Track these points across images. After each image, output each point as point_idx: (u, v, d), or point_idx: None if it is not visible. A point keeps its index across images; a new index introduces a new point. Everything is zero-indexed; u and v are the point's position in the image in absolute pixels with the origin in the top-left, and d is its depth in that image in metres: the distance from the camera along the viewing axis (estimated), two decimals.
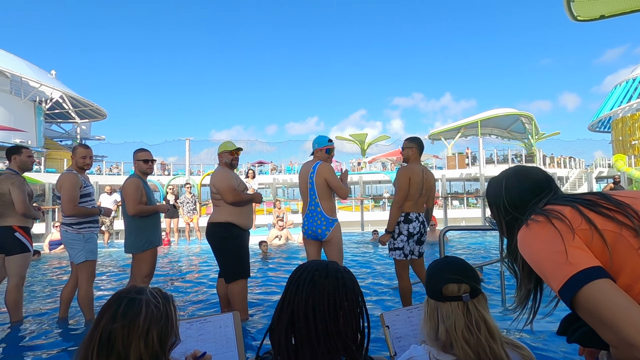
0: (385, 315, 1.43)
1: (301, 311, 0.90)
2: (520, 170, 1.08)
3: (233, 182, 3.25)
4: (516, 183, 1.04)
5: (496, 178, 1.11)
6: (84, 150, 3.42)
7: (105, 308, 0.96)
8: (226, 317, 1.44)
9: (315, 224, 3.30)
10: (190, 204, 10.13)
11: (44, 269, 6.57)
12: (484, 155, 23.45)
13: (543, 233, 0.86)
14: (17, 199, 3.22)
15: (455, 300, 1.09)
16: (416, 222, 3.20)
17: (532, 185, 1.02)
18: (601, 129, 32.01)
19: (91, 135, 31.17)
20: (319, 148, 3.44)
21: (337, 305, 0.91)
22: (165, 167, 25.33)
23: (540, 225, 0.88)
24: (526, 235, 0.91)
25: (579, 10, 5.97)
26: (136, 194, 3.26)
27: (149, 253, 3.34)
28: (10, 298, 3.30)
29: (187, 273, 6.00)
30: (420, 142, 3.36)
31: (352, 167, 27.74)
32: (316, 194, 3.29)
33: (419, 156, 3.32)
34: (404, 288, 3.27)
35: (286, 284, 0.99)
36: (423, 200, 3.27)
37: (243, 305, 3.19)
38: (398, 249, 3.22)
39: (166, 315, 0.96)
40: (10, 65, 22.61)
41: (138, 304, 0.94)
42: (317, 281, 0.93)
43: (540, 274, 0.87)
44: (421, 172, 3.23)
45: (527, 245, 0.90)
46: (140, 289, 1.00)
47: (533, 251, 0.88)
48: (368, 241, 9.62)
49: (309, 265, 0.99)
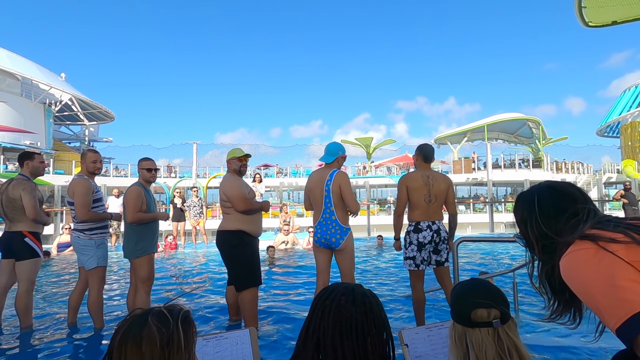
0: (404, 333, 1.40)
1: (328, 339, 0.87)
2: (553, 185, 1.01)
3: (244, 190, 3.24)
4: (550, 199, 0.96)
5: (526, 192, 1.04)
6: (94, 155, 3.45)
7: (113, 334, 0.96)
8: (243, 333, 1.42)
9: (329, 232, 3.26)
10: (197, 207, 10.15)
11: (53, 273, 6.61)
12: (490, 160, 23.28)
13: (595, 262, 0.78)
14: (28, 205, 3.24)
15: (484, 326, 1.04)
16: (427, 230, 3.12)
17: (568, 203, 0.94)
18: (610, 134, 31.65)
19: (99, 137, 31.49)
20: (342, 155, 3.41)
21: (365, 331, 0.88)
22: (171, 169, 25.50)
23: (591, 252, 0.80)
24: (574, 263, 0.82)
25: (590, 16, 5.91)
26: (136, 202, 3.28)
27: (144, 259, 3.35)
28: (20, 303, 3.31)
29: (193, 278, 6.00)
30: (423, 148, 3.30)
31: (358, 170, 27.68)
32: (332, 202, 3.25)
33: (423, 162, 3.26)
34: (417, 299, 3.19)
35: (310, 308, 0.96)
36: (435, 207, 3.16)
37: (253, 313, 3.17)
38: (409, 259, 3.18)
39: (173, 339, 0.93)
40: (21, 68, 22.94)
41: (143, 326, 0.92)
42: (343, 307, 0.90)
43: (592, 308, 0.79)
44: (422, 178, 3.14)
45: (575, 274, 0.82)
46: (147, 312, 0.97)
47: (583, 282, 0.80)
48: (374, 247, 9.56)
49: (334, 290, 0.96)
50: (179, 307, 1.03)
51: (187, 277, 6.09)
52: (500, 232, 17.20)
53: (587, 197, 0.98)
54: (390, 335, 0.94)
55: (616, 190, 20.67)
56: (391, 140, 32.73)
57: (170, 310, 0.99)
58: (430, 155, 3.29)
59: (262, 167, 26.67)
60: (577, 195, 0.97)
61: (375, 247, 9.44)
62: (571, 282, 0.83)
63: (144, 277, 3.33)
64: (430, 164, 3.30)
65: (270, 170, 27.11)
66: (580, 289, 0.81)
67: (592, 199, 0.99)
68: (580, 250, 0.82)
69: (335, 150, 3.40)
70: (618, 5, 5.72)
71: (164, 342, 0.92)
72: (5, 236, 3.35)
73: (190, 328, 1.00)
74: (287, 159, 31.59)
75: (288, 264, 7.07)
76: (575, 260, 0.83)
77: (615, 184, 25.66)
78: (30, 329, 3.35)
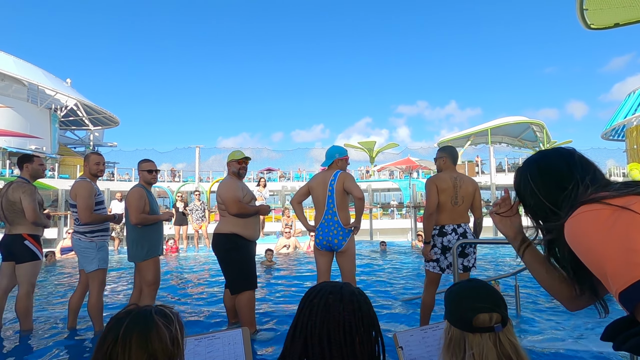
0: (398, 335, 1.38)
1: (315, 338, 0.86)
2: (546, 154, 0.96)
3: (238, 193, 3.22)
4: (543, 167, 0.92)
5: (518, 170, 0.99)
6: (97, 157, 3.47)
7: (107, 328, 0.93)
8: (235, 333, 1.41)
9: (331, 234, 3.24)
10: (200, 211, 10.16)
11: (55, 276, 6.63)
12: (494, 164, 23.16)
13: (609, 224, 0.71)
14: (28, 208, 3.26)
15: (486, 331, 1.00)
16: (452, 234, 3.03)
17: (568, 168, 0.89)
18: (615, 137, 31.41)
19: (104, 142, 31.73)
20: (340, 157, 3.40)
21: (354, 330, 0.87)
22: (175, 173, 25.60)
23: (605, 213, 0.73)
24: (583, 224, 0.75)
25: (592, 18, 5.88)
26: (139, 203, 3.28)
27: (150, 262, 3.34)
28: (20, 306, 3.31)
29: (194, 282, 5.99)
30: (452, 150, 3.26)
31: (361, 174, 27.64)
32: (335, 203, 3.24)
33: (451, 165, 3.19)
34: (426, 303, 3.12)
35: (298, 307, 0.94)
36: (461, 209, 3.08)
37: (250, 317, 3.15)
38: (432, 261, 3.09)
39: (176, 337, 0.93)
40: (28, 74, 23.24)
41: (143, 325, 0.90)
42: (331, 305, 0.89)
43: (595, 270, 0.73)
44: (451, 180, 3.07)
45: (583, 236, 0.75)
46: (145, 308, 0.96)
47: (592, 244, 0.73)
48: (377, 251, 9.51)
49: (322, 288, 0.94)
50: (170, 308, 1.02)
51: (189, 282, 6.08)
52: None
53: (590, 162, 0.92)
54: (380, 334, 0.92)
55: None
56: (394, 144, 32.72)
57: (163, 306, 0.99)
58: (456, 157, 3.25)
59: (265, 172, 26.73)
60: (577, 158, 0.92)
61: (378, 251, 9.39)
62: (577, 245, 0.77)
63: (150, 280, 3.32)
64: (456, 165, 3.22)
65: (273, 174, 27.15)
66: (587, 252, 0.74)
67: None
68: (591, 211, 0.76)
69: (332, 153, 3.41)
70: (620, 7, 5.70)
71: (170, 339, 0.91)
72: (5, 239, 3.37)
73: (182, 327, 0.99)
74: (289, 163, 31.55)
75: (289, 267, 7.04)
76: (585, 221, 0.76)
77: None
78: (31, 331, 3.35)
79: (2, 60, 22.55)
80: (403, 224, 18.26)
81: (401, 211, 20.92)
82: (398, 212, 21.25)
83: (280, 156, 33.94)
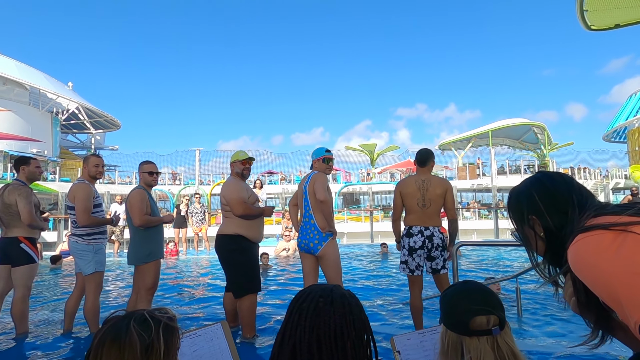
0: (396, 339, 1.34)
1: (304, 344, 0.82)
2: (549, 174, 0.95)
3: (243, 194, 3.19)
4: (550, 187, 0.91)
5: (520, 187, 0.98)
6: (96, 159, 3.45)
7: (97, 331, 0.94)
8: (215, 328, 1.40)
9: (308, 237, 3.20)
10: (200, 214, 10.14)
11: (53, 279, 6.61)
12: (495, 166, 23.11)
13: (614, 247, 0.69)
14: (24, 210, 3.24)
15: (483, 334, 0.98)
16: (419, 235, 3.04)
17: (569, 191, 0.88)
18: (616, 139, 31.33)
19: (105, 145, 31.80)
20: (316, 159, 3.38)
21: (345, 335, 0.83)
22: (176, 176, 25.62)
23: (608, 237, 0.70)
24: (587, 250, 0.73)
25: (592, 19, 5.87)
26: (141, 205, 3.26)
27: (151, 265, 3.30)
28: (16, 309, 3.28)
29: (194, 285, 5.96)
30: (419, 153, 3.25)
31: (362, 177, 27.62)
32: (309, 205, 3.22)
33: (419, 167, 3.22)
34: (412, 305, 3.13)
35: (286, 312, 0.91)
36: (430, 212, 3.07)
37: (251, 320, 3.11)
38: (402, 263, 3.14)
39: (153, 346, 0.91)
40: (30, 78, 23.34)
41: (123, 331, 0.90)
42: (321, 309, 0.85)
43: (609, 300, 0.70)
44: (416, 184, 3.10)
45: (588, 262, 0.72)
46: (129, 315, 0.94)
47: (599, 271, 0.70)
48: (377, 253, 9.47)
49: (311, 291, 0.90)
50: (164, 311, 1.00)
51: (189, 285, 6.04)
52: (506, 238, 16.98)
53: (584, 187, 0.92)
54: (372, 337, 0.89)
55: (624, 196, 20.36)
56: (395, 147, 32.70)
57: (152, 315, 0.96)
58: (424, 159, 3.19)
59: (265, 174, 26.72)
60: (574, 184, 0.92)
61: (379, 253, 9.35)
62: (583, 272, 0.74)
63: (148, 284, 3.29)
64: (426, 167, 3.19)
65: (274, 177, 27.14)
66: (594, 279, 0.71)
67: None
68: (593, 236, 0.73)
69: (312, 154, 3.45)
70: (621, 7, 5.68)
71: (143, 348, 0.90)
72: (1, 242, 3.35)
73: (173, 335, 0.97)
74: (289, 166, 31.57)
75: (289, 270, 7.00)
76: (589, 246, 0.73)
77: (623, 190, 25.30)
78: (26, 334, 3.32)
79: (4, 64, 22.66)
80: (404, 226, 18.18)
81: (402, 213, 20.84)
82: None
83: (280, 159, 34.00)
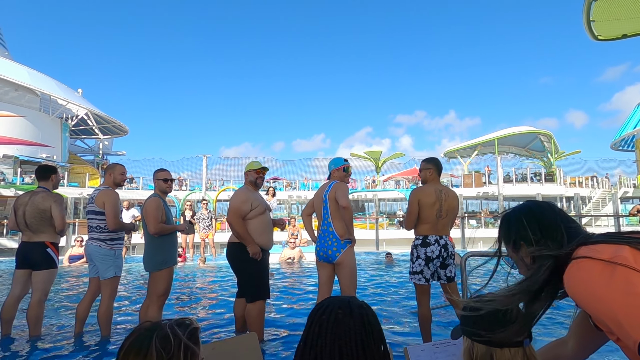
0: (409, 349, 1.37)
1: (326, 355, 0.84)
2: (539, 204, 1.03)
3: (244, 207, 3.23)
4: (538, 216, 0.99)
5: (510, 214, 1.06)
6: (122, 168, 3.59)
7: (124, 341, 0.99)
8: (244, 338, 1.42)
9: (327, 244, 3.23)
10: (207, 220, 10.21)
11: (63, 283, 6.68)
12: (501, 174, 22.99)
13: (607, 274, 0.76)
14: (59, 217, 3.39)
15: (515, 345, 0.98)
16: (435, 245, 3.05)
17: (557, 218, 0.96)
18: (624, 147, 31.05)
19: (113, 150, 32.19)
20: (336, 168, 3.43)
21: (365, 345, 0.86)
22: (182, 182, 25.82)
23: (600, 265, 0.78)
24: (584, 277, 0.80)
25: (600, 30, 5.89)
26: (157, 213, 3.32)
27: (165, 272, 3.36)
28: (32, 313, 3.35)
29: (200, 290, 5.99)
30: (437, 162, 3.28)
31: (367, 184, 27.60)
32: (329, 213, 3.25)
33: (437, 177, 3.21)
34: (423, 316, 3.09)
35: (306, 324, 0.93)
36: (445, 222, 3.11)
37: (260, 327, 3.15)
38: (417, 273, 3.09)
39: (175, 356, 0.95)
40: (41, 84, 23.78)
41: (145, 345, 0.94)
42: (341, 321, 0.87)
43: (609, 321, 0.74)
44: (435, 193, 3.08)
45: (586, 288, 0.79)
46: (153, 327, 0.98)
47: (597, 295, 0.76)
48: (382, 262, 9.43)
49: (330, 303, 0.93)
50: (188, 323, 1.03)
51: (195, 290, 6.08)
52: None
53: (568, 216, 1.00)
54: (387, 347, 0.92)
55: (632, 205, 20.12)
56: (400, 154, 32.66)
57: (174, 330, 0.98)
58: (442, 169, 3.29)
59: (271, 180, 26.82)
60: (562, 212, 1.00)
61: (384, 262, 9.31)
62: (582, 297, 0.80)
63: (160, 291, 3.34)
64: (440, 177, 3.26)
65: (279, 183, 27.23)
66: (593, 303, 0.77)
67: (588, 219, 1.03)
68: (587, 263, 0.80)
69: (330, 164, 3.49)
70: (628, 18, 5.70)
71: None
72: (24, 247, 3.42)
73: (192, 348, 0.98)
74: (292, 173, 31.69)
75: (293, 277, 7.01)
76: (584, 274, 0.80)
77: (632, 199, 25.01)
78: (39, 337, 3.38)
79: (17, 71, 23.13)
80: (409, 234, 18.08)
81: None
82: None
83: (283, 165, 34.14)
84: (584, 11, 5.62)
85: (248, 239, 3.15)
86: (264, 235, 3.29)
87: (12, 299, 3.43)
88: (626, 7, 5.40)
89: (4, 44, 25.96)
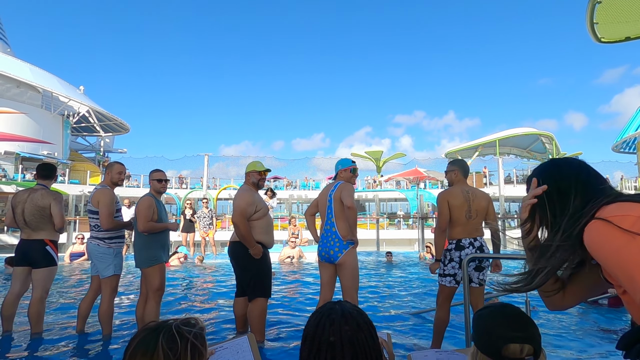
0: (413, 356, 1.36)
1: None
2: (557, 161, 0.99)
3: (249, 209, 3.24)
4: (555, 173, 0.94)
5: (562, 161, 0.99)
6: (120, 167, 3.58)
7: (130, 341, 0.98)
8: (242, 340, 1.41)
9: (328, 245, 3.23)
10: (207, 218, 10.21)
11: (64, 281, 6.69)
12: (503, 175, 22.96)
13: (635, 230, 0.73)
14: (58, 215, 3.39)
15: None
16: (470, 248, 2.97)
17: (574, 176, 0.92)
18: (626, 150, 31.00)
19: (114, 148, 32.20)
20: (343, 169, 3.43)
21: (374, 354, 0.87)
22: (183, 180, 25.83)
23: (630, 220, 0.75)
24: (609, 230, 0.77)
25: (603, 32, 5.87)
26: (147, 212, 3.34)
27: (156, 268, 3.38)
28: (33, 310, 3.36)
29: (201, 289, 6.00)
30: (463, 163, 3.24)
31: (368, 184, 27.59)
32: (333, 213, 3.25)
33: (463, 178, 3.17)
34: (440, 319, 3.04)
35: (303, 334, 0.94)
36: (475, 223, 3.03)
37: (261, 326, 3.16)
38: (449, 276, 3.01)
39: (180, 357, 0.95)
40: (43, 81, 23.80)
41: (152, 345, 0.94)
42: (354, 336, 0.89)
43: (620, 273, 0.75)
44: (462, 194, 3.03)
45: (607, 242, 0.77)
46: (159, 328, 0.98)
47: (617, 249, 0.75)
48: (383, 262, 9.44)
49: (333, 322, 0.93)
50: (194, 322, 1.02)
51: (196, 290, 6.08)
52: (513, 248, 16.77)
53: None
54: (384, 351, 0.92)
55: None
56: (401, 154, 32.64)
57: (180, 330, 0.98)
58: (468, 170, 3.24)
59: (271, 180, 26.81)
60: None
61: (384, 262, 9.32)
62: (601, 249, 0.78)
63: (155, 286, 3.35)
64: (466, 178, 3.20)
65: (280, 182, 27.22)
66: (612, 257, 0.76)
67: None
68: (618, 216, 0.78)
69: (337, 165, 3.49)
70: (631, 20, 5.68)
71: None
72: (24, 244, 3.43)
73: (199, 349, 0.98)
74: (292, 172, 31.60)
75: (292, 277, 7.01)
76: (608, 228, 0.78)
77: None
78: (40, 335, 3.39)
79: (19, 68, 23.14)
80: (410, 235, 18.13)
81: (408, 221, 20.77)
82: (405, 223, 21.09)
83: (283, 164, 34.01)
84: (587, 13, 5.59)
85: (250, 240, 3.16)
86: (269, 234, 3.35)
87: (12, 296, 3.44)
88: (630, 9, 5.38)
89: (6, 40, 25.96)
